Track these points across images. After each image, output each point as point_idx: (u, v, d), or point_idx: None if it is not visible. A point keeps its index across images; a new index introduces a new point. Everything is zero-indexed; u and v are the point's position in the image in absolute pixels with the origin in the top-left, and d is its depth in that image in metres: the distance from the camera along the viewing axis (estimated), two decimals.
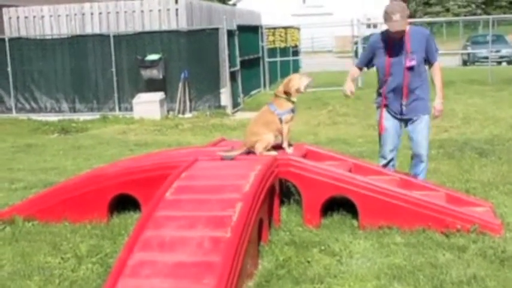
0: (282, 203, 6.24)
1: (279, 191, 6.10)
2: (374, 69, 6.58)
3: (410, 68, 6.32)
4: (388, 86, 6.45)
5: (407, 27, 6.34)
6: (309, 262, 5.06)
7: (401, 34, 6.30)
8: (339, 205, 6.16)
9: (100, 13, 17.21)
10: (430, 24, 53.42)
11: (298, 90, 6.36)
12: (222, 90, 15.96)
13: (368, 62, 6.70)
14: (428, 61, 6.45)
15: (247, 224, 4.65)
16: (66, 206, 6.32)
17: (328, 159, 6.75)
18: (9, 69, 16.59)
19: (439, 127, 11.73)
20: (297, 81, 6.37)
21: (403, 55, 6.32)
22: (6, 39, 16.80)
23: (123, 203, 6.45)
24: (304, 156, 6.48)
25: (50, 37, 17.03)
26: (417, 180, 6.61)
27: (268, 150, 6.25)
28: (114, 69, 16.10)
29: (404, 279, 4.70)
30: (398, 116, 6.51)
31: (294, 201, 6.32)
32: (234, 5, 49.33)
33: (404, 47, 6.34)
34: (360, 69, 6.92)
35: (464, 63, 31.69)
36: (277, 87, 6.66)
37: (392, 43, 6.38)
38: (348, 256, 5.20)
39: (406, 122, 6.55)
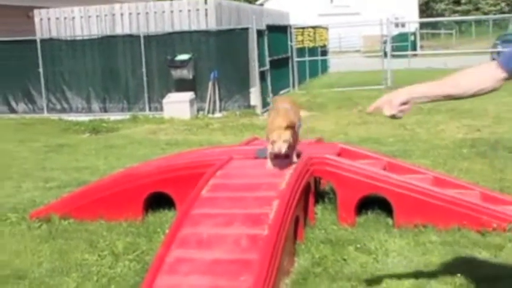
0: (316, 201, 6.24)
1: (314, 189, 6.10)
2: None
3: None
4: None
5: None
6: (345, 260, 5.06)
7: None
8: (373, 203, 6.15)
9: (130, 14, 17.33)
10: (458, 23, 53.13)
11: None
12: (252, 90, 15.98)
13: None
14: None
15: (284, 221, 4.66)
16: (101, 204, 6.38)
17: (362, 157, 6.72)
18: (40, 69, 16.74)
19: (471, 126, 11.66)
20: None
21: None
22: (38, 40, 16.98)
23: (156, 202, 6.49)
24: (338, 154, 6.47)
25: (80, 38, 17.18)
26: (451, 178, 6.57)
27: None
28: (144, 70, 16.18)
29: (442, 278, 4.67)
30: None
31: (329, 199, 6.31)
32: (262, 4, 49.33)
33: None
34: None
35: None
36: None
37: None
38: (384, 254, 5.19)
39: None
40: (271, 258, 4.25)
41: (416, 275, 4.75)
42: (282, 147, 5.31)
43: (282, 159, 5.59)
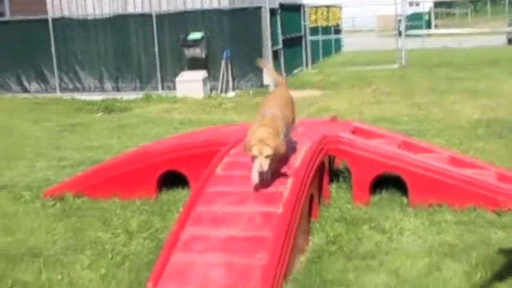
0: (331, 180, 6.20)
1: (328, 168, 6.07)
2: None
3: None
4: None
5: None
6: (359, 239, 5.04)
7: None
8: (387, 182, 6.11)
9: None
10: (473, 2, 52.58)
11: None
12: (265, 69, 15.89)
13: None
14: None
15: (298, 199, 4.63)
16: (115, 182, 6.37)
17: (376, 136, 6.67)
18: (52, 49, 16.71)
19: (486, 106, 11.54)
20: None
21: None
22: (50, 19, 16.92)
23: (170, 181, 6.47)
24: (353, 133, 6.43)
25: (92, 17, 17.12)
26: (467, 158, 6.51)
27: None
28: (156, 49, 16.12)
29: (457, 257, 4.63)
30: None
31: (343, 178, 6.27)
32: None
33: None
34: None
35: (510, 41, 31.01)
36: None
37: None
38: (399, 233, 5.16)
39: None
40: (286, 236, 4.23)
41: (431, 254, 4.72)
42: (264, 165, 4.68)
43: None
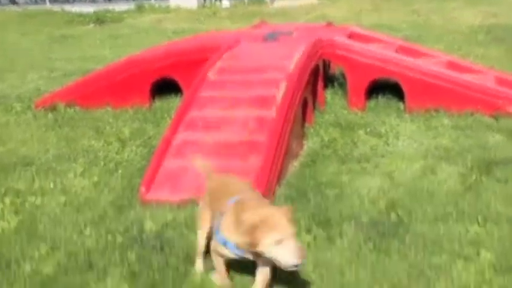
0: (326, 86, 6.10)
1: (323, 73, 5.95)
2: None
3: None
4: None
5: None
6: (354, 143, 4.98)
7: None
8: (384, 88, 6.01)
9: None
10: None
11: None
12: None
13: None
14: None
15: (292, 103, 4.54)
16: (107, 91, 6.23)
17: (373, 41, 6.52)
18: None
19: (487, 12, 11.32)
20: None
21: None
22: None
23: (164, 88, 6.36)
24: (349, 38, 6.27)
25: None
26: (465, 62, 6.38)
27: None
28: None
29: (453, 160, 4.58)
30: None
31: (339, 84, 6.17)
32: None
33: None
34: None
35: None
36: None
37: None
38: (395, 137, 5.10)
39: None
40: (279, 140, 4.16)
41: (427, 156, 4.67)
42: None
43: None
